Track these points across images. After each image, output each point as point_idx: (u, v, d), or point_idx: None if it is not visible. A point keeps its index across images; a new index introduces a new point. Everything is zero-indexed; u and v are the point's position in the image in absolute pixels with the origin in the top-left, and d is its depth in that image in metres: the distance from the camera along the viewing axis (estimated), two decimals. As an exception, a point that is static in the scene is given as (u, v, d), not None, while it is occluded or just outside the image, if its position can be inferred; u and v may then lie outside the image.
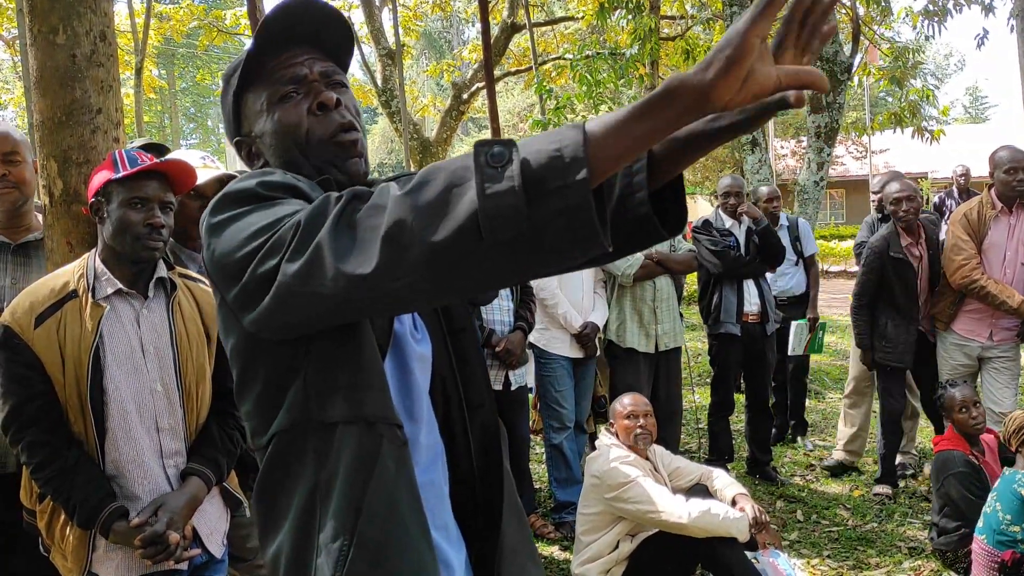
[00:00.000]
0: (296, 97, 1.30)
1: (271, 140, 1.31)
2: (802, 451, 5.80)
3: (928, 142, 10.80)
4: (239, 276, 1.09)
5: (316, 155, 1.29)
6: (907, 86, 10.19)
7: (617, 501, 3.51)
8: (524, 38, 15.71)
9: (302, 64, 1.31)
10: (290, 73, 1.30)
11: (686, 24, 12.83)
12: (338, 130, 1.30)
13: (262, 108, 1.31)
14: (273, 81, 1.30)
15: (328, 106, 1.30)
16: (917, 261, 4.71)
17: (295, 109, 1.29)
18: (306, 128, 1.29)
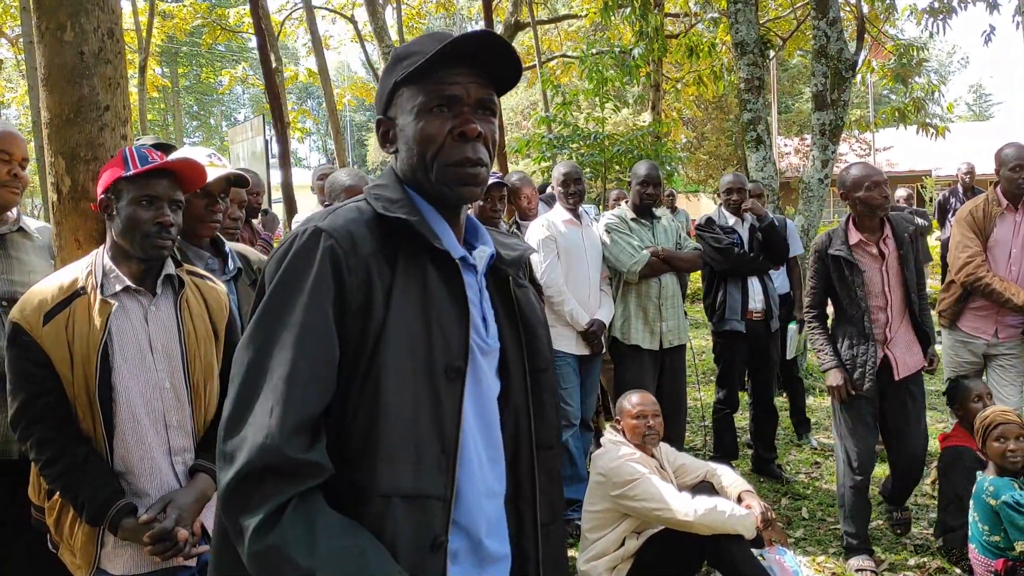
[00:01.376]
0: (444, 113, 1.35)
1: (408, 140, 1.37)
2: (807, 448, 5.79)
3: (933, 138, 10.79)
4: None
5: (438, 173, 1.35)
6: (911, 83, 10.17)
7: (623, 498, 3.51)
8: (528, 36, 15.70)
9: (462, 85, 1.35)
10: (449, 90, 1.34)
11: (690, 21, 12.82)
12: (465, 162, 1.35)
13: (413, 108, 1.36)
14: (432, 89, 1.34)
15: (468, 137, 1.35)
16: (877, 261, 3.90)
17: (439, 125, 1.34)
18: (439, 146, 1.35)
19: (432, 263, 1.33)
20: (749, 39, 7.38)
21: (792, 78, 27.56)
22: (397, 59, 1.40)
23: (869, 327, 3.90)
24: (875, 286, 3.91)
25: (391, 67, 1.40)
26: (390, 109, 1.41)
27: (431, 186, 1.36)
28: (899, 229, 3.95)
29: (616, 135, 10.49)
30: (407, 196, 1.37)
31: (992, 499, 3.43)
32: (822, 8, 7.31)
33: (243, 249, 2.79)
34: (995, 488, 3.45)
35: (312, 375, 1.20)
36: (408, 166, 1.38)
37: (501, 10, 16.18)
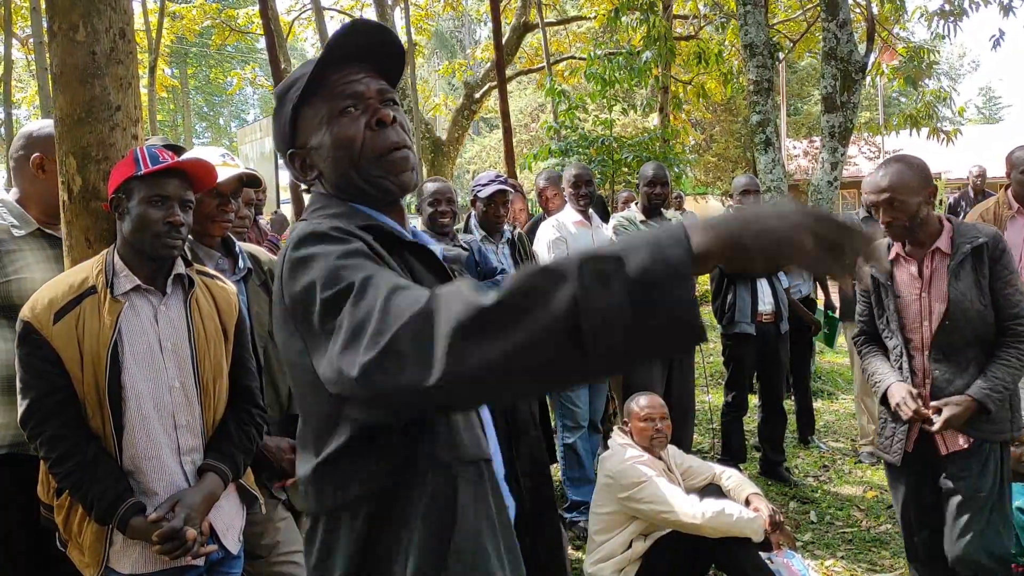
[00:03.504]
0: (354, 112, 1.37)
1: (328, 152, 1.38)
2: (816, 451, 5.77)
3: (944, 143, 10.75)
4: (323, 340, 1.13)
5: (368, 169, 1.37)
6: (922, 86, 10.13)
7: (631, 501, 3.50)
8: (536, 37, 15.71)
9: (360, 81, 1.38)
10: (350, 89, 1.37)
11: (699, 24, 12.80)
12: (391, 148, 1.37)
13: (321, 121, 1.38)
14: (333, 96, 1.37)
15: (385, 123, 1.37)
16: (915, 284, 3.05)
17: (353, 124, 1.36)
18: (361, 142, 1.36)
19: (414, 257, 1.37)
20: (758, 41, 7.36)
21: (801, 80, 27.47)
22: (284, 91, 1.42)
23: (907, 374, 3.01)
24: (910, 318, 3.01)
25: (281, 101, 1.42)
26: (297, 138, 1.42)
27: (367, 185, 1.38)
28: (959, 239, 2.93)
29: (624, 138, 10.48)
30: (353, 208, 1.38)
31: None
32: (832, 10, 7.29)
33: (254, 249, 2.80)
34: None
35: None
36: (337, 177, 1.38)
37: (510, 11, 16.18)
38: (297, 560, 2.59)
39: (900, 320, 3.01)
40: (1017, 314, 2.85)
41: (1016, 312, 2.85)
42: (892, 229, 2.89)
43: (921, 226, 2.89)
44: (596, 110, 12.50)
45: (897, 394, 2.93)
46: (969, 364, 2.88)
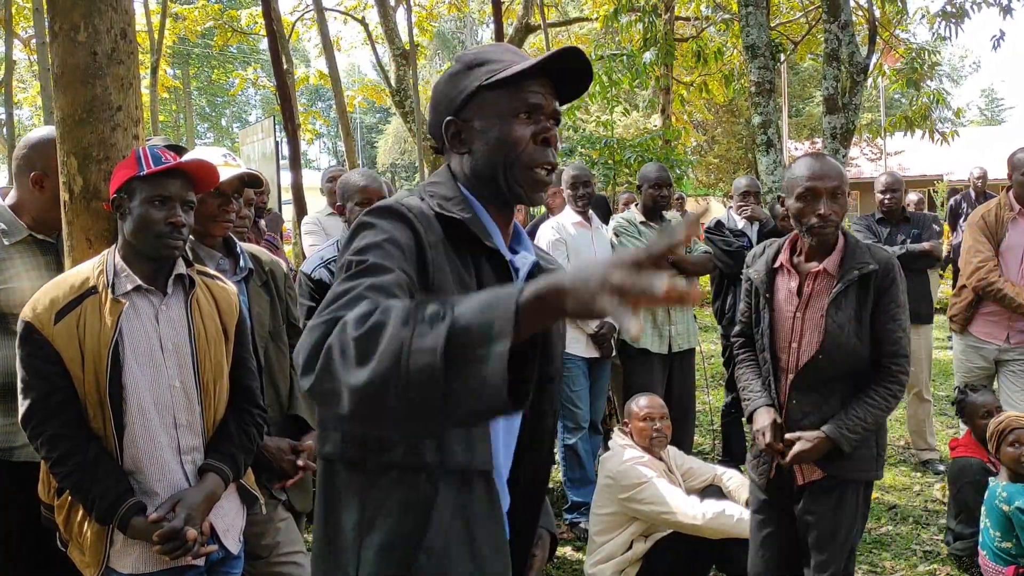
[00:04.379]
0: (527, 120, 1.45)
1: (490, 141, 1.45)
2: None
3: (940, 144, 10.74)
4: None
5: (516, 173, 1.45)
6: (924, 88, 10.13)
7: (631, 502, 3.51)
8: (538, 38, 15.71)
9: (544, 96, 1.47)
10: (534, 99, 1.45)
11: (700, 25, 12.80)
12: (543, 165, 1.46)
13: (498, 112, 1.45)
14: (518, 96, 1.44)
15: (550, 142, 1.47)
16: (791, 301, 2.76)
17: (524, 129, 1.44)
18: (524, 150, 1.44)
19: (486, 260, 1.43)
20: (760, 42, 7.36)
21: (803, 81, 27.49)
22: (472, 64, 1.49)
23: (773, 391, 2.78)
24: (781, 336, 2.75)
25: (463, 72, 1.49)
26: (465, 111, 1.48)
27: (504, 184, 1.46)
28: (849, 262, 2.64)
29: (626, 139, 10.48)
30: (461, 195, 1.47)
31: (1005, 505, 3.41)
32: (833, 11, 7.28)
33: (255, 250, 2.80)
34: (1008, 494, 3.43)
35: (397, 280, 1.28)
36: (484, 164, 1.46)
37: (512, 12, 16.18)
38: (298, 560, 2.60)
39: (771, 336, 2.76)
40: (895, 352, 2.63)
41: (895, 350, 2.63)
42: (823, 226, 2.60)
43: (832, 233, 2.65)
44: (598, 111, 12.50)
45: (759, 421, 2.73)
46: (831, 396, 2.67)
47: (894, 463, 5.51)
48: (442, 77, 1.54)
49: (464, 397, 0.99)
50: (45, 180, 2.42)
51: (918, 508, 4.70)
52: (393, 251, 1.29)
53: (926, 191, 19.77)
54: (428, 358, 0.98)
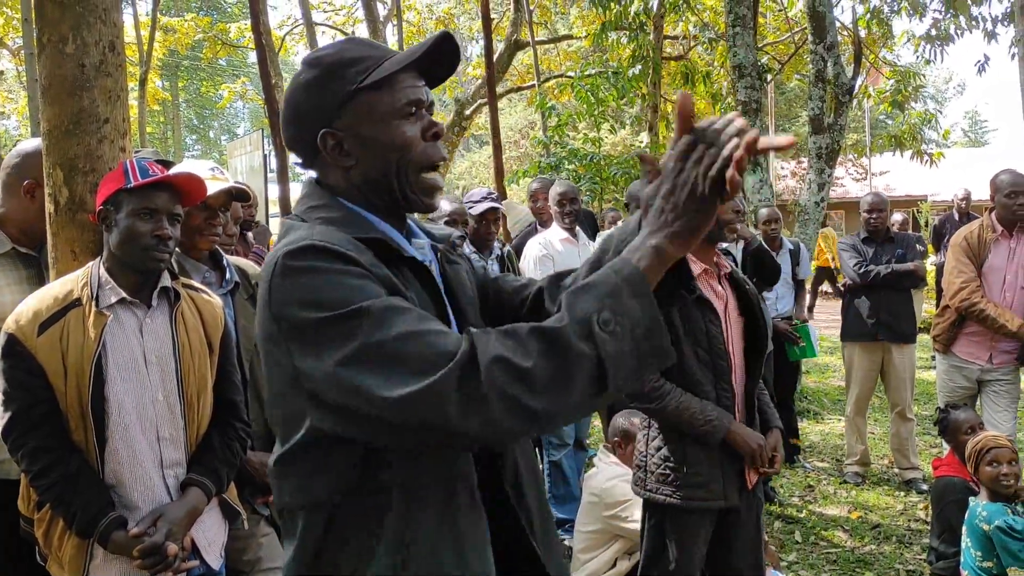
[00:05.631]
0: (412, 117, 1.35)
1: (379, 147, 1.34)
2: (801, 471, 5.78)
3: (928, 165, 10.85)
4: (320, 357, 1.15)
5: (410, 178, 1.35)
6: (909, 108, 10.25)
7: (615, 519, 3.50)
8: (527, 55, 15.79)
9: (421, 89, 1.37)
10: (415, 95, 1.35)
11: (688, 44, 12.90)
12: (437, 163, 1.38)
13: (381, 114, 1.33)
14: (398, 94, 1.34)
15: (440, 136, 1.38)
16: (721, 303, 2.75)
17: (414, 128, 1.34)
18: (419, 152, 1.35)
19: (408, 269, 1.34)
20: (747, 62, 7.43)
21: (789, 101, 27.69)
22: (332, 67, 1.34)
23: (726, 400, 2.70)
24: (718, 340, 2.70)
25: (325, 76, 1.34)
26: (340, 119, 1.33)
27: (399, 193, 1.35)
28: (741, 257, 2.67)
29: (613, 156, 10.53)
30: (353, 213, 1.35)
31: (985, 524, 3.43)
32: (820, 33, 7.37)
33: (241, 263, 2.79)
34: (988, 513, 3.44)
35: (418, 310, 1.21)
36: (375, 174, 1.34)
37: (501, 29, 16.28)
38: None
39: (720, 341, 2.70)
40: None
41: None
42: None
43: None
44: (585, 128, 12.57)
45: (753, 440, 2.66)
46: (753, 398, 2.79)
47: (877, 482, 5.53)
48: (296, 86, 1.38)
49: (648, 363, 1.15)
50: (37, 190, 2.41)
51: (901, 527, 4.71)
52: (370, 285, 1.19)
53: (910, 211, 19.94)
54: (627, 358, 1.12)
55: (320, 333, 1.16)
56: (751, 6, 7.59)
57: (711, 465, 2.64)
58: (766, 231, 5.71)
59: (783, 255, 5.65)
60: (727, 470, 2.67)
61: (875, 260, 5.47)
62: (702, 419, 2.60)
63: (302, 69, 1.38)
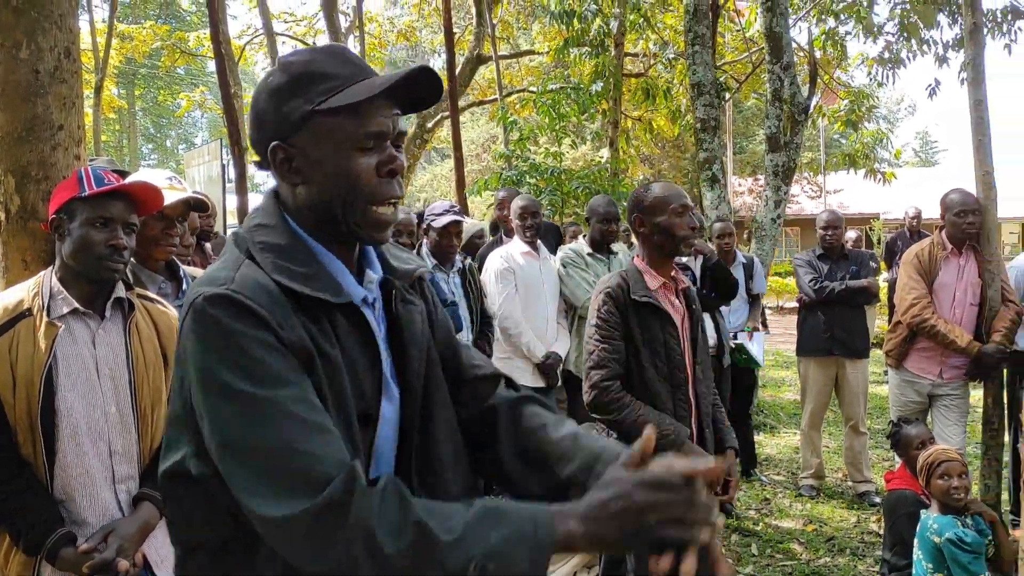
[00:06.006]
0: (372, 149, 1.27)
1: (327, 174, 1.26)
2: (757, 485, 5.84)
3: (881, 183, 11.10)
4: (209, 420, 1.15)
5: (356, 211, 1.27)
6: (862, 129, 10.48)
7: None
8: (489, 69, 15.85)
9: (388, 119, 1.28)
10: (377, 126, 1.26)
11: (649, 62, 13.05)
12: (389, 200, 1.29)
13: (337, 141, 1.25)
14: (361, 122, 1.25)
15: (396, 173, 1.29)
16: (679, 316, 2.84)
17: (368, 161, 1.26)
18: (367, 184, 1.27)
19: (340, 313, 1.27)
20: (706, 80, 7.55)
21: (747, 120, 28.15)
22: (301, 79, 1.26)
23: (683, 410, 2.75)
24: (676, 352, 2.77)
25: (291, 86, 1.26)
26: (296, 136, 1.26)
27: (343, 224, 1.28)
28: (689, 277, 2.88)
29: (574, 171, 10.60)
30: (298, 241, 1.28)
31: (936, 537, 3.49)
32: (776, 53, 7.51)
33: (198, 273, 2.75)
34: (939, 526, 3.50)
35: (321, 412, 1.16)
36: (319, 201, 1.27)
37: (464, 43, 16.32)
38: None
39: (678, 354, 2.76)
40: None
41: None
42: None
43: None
44: (547, 143, 12.65)
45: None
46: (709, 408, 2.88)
47: (831, 495, 5.61)
48: (264, 88, 1.30)
49: None
50: None
51: (855, 540, 4.78)
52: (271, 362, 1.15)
53: (864, 229, 20.34)
54: None
55: (211, 401, 1.14)
56: (710, 26, 7.72)
57: None
58: (720, 245, 5.78)
59: (736, 269, 5.72)
60: None
61: (830, 276, 5.57)
62: (659, 432, 2.62)
63: (273, 71, 1.32)
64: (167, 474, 1.28)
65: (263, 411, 1.11)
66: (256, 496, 1.09)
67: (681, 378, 2.70)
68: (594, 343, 2.71)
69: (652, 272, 2.76)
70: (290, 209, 1.32)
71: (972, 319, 4.52)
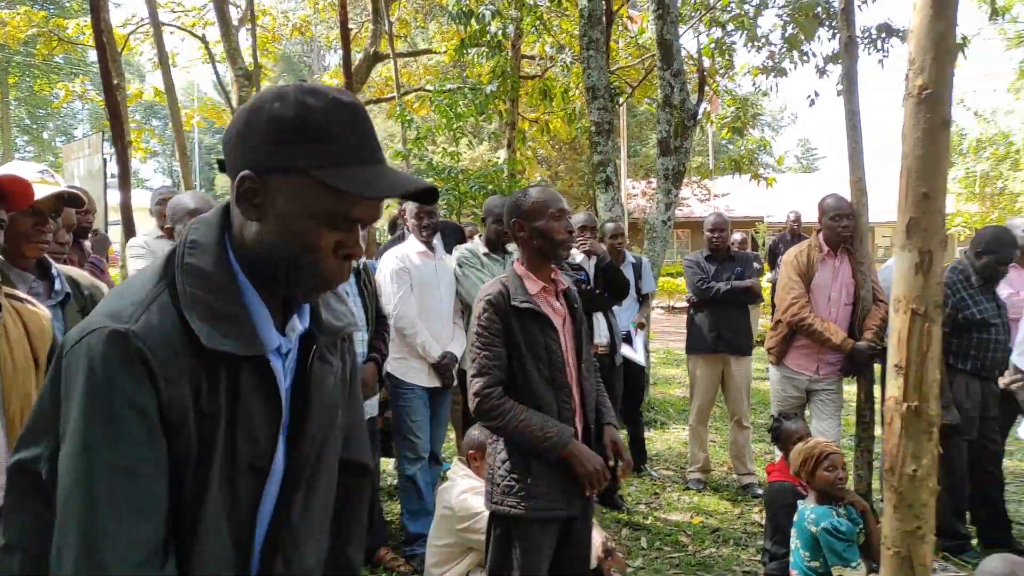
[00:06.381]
0: (341, 227, 1.22)
1: (286, 230, 1.21)
2: (648, 479, 6.00)
3: (764, 187, 11.58)
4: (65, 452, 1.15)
5: (301, 276, 1.24)
6: (747, 135, 10.91)
7: (468, 532, 3.51)
8: (387, 67, 15.71)
9: (369, 206, 1.23)
10: (358, 213, 1.22)
11: (546, 64, 13.21)
12: (338, 281, 1.26)
13: (308, 204, 1.20)
14: (341, 203, 1.20)
15: (351, 259, 1.25)
16: (559, 319, 2.82)
17: (329, 238, 1.22)
18: (319, 260, 1.23)
19: (246, 363, 1.23)
20: (600, 84, 7.69)
21: (640, 124, 28.87)
22: (310, 130, 1.18)
23: (567, 412, 2.76)
24: (558, 354, 2.77)
25: (294, 129, 1.18)
26: (272, 175, 1.19)
27: (285, 281, 1.24)
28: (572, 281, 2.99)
29: (471, 171, 10.64)
30: (229, 273, 1.23)
31: (813, 526, 3.66)
32: (667, 59, 7.73)
33: (73, 272, 2.63)
34: (816, 516, 3.68)
35: (152, 492, 1.15)
36: (267, 251, 1.22)
37: (360, 40, 16.12)
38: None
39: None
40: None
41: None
42: None
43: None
44: (445, 142, 12.65)
45: (590, 462, 2.72)
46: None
47: (717, 488, 5.82)
48: (268, 108, 1.20)
49: None
50: None
51: (739, 531, 4.97)
52: (128, 426, 1.13)
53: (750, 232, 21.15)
54: None
55: (71, 435, 1.14)
56: (604, 31, 7.87)
57: (553, 476, 2.71)
58: (612, 245, 5.91)
59: (626, 268, 5.86)
60: (569, 480, 2.73)
61: (716, 277, 5.77)
62: (541, 436, 2.65)
63: (287, 95, 1.21)
64: (19, 465, 1.24)
65: (98, 475, 1.12)
66: (62, 542, 1.12)
67: (563, 380, 2.75)
68: (475, 350, 2.74)
69: (532, 277, 2.79)
70: (234, 234, 1.26)
71: (846, 318, 4.77)
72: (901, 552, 1.57)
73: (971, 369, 4.50)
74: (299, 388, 1.35)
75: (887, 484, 1.65)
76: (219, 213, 1.28)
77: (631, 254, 6.24)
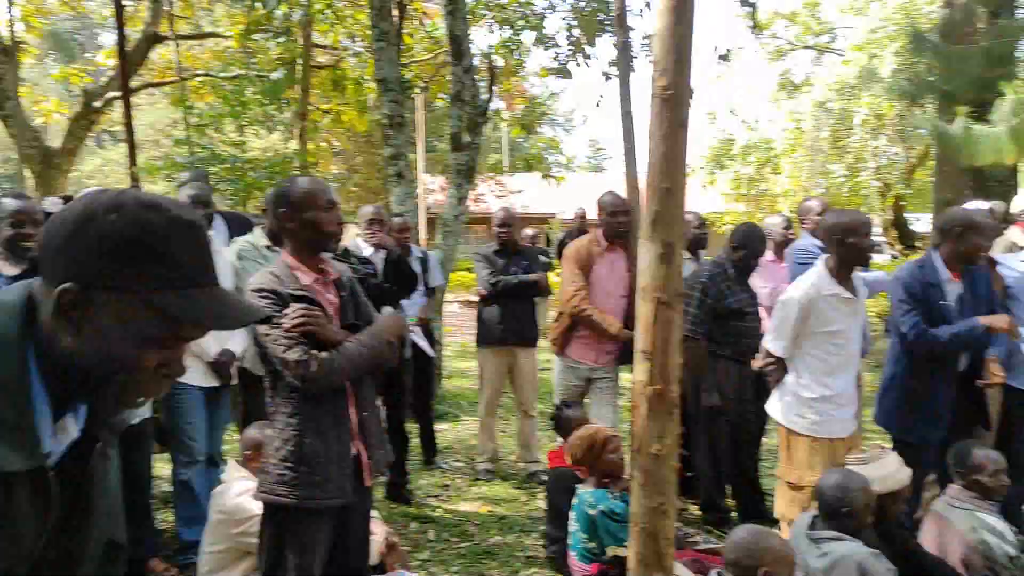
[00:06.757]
0: (167, 346, 1.16)
1: (105, 349, 1.12)
2: (438, 472, 6.03)
3: (555, 185, 12.01)
4: None
5: (110, 397, 1.19)
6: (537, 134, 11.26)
7: (245, 536, 3.38)
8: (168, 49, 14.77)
9: (200, 328, 1.21)
10: (188, 334, 1.18)
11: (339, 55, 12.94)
12: (147, 400, 1.22)
13: (136, 327, 1.12)
14: (178, 328, 1.15)
15: (172, 376, 1.20)
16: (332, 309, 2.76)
17: (152, 355, 1.15)
18: (140, 380, 1.17)
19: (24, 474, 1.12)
20: (391, 77, 7.63)
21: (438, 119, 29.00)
22: (147, 250, 1.11)
23: (342, 397, 2.73)
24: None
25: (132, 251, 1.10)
26: (96, 290, 1.10)
27: (85, 385, 1.16)
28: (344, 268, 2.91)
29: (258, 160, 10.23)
30: (23, 375, 1.11)
31: (591, 509, 3.83)
32: (459, 55, 7.80)
33: None
34: (594, 499, 3.86)
35: None
36: (79, 358, 1.12)
37: (137, 19, 15.04)
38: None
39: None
40: None
41: None
42: None
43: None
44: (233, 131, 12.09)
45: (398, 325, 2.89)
46: None
47: (506, 477, 5.95)
48: (100, 220, 1.10)
49: None
50: None
51: (524, 517, 5.11)
52: None
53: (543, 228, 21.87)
54: None
55: None
56: (395, 23, 7.82)
57: (328, 463, 2.64)
58: (398, 239, 5.88)
59: (413, 262, 5.86)
60: (343, 467, 2.68)
61: (505, 271, 5.90)
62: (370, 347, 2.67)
63: (121, 204, 1.12)
64: None
65: None
66: None
67: None
68: (270, 334, 2.61)
69: (303, 268, 2.71)
70: (39, 330, 1.13)
71: (622, 309, 5.02)
72: (647, 528, 1.66)
73: (730, 355, 4.88)
74: (75, 488, 1.24)
75: (634, 463, 1.74)
76: (23, 299, 1.15)
77: (417, 248, 6.25)
